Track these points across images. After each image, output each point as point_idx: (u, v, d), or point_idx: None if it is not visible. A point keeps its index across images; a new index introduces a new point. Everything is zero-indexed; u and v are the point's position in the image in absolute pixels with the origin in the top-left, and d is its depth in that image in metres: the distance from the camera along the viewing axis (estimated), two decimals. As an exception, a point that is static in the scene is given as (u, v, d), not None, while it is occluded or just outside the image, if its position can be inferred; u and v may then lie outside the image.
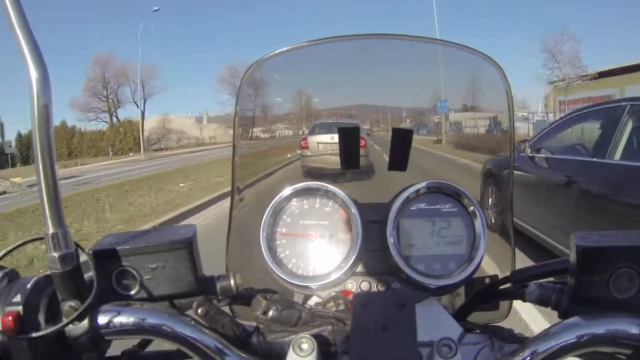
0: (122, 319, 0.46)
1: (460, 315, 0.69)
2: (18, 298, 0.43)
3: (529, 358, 0.43)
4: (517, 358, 0.44)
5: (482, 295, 0.69)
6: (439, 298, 0.64)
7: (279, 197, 0.62)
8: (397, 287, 0.60)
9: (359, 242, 0.58)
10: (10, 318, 0.41)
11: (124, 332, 0.46)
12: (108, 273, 0.49)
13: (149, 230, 0.54)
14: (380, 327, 0.43)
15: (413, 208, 0.61)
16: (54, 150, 0.40)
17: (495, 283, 0.68)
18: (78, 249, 0.43)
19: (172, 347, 0.48)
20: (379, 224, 0.60)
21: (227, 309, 0.65)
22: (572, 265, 0.48)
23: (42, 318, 0.43)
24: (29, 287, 0.44)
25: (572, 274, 0.49)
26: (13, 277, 0.45)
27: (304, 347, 0.42)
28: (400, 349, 0.42)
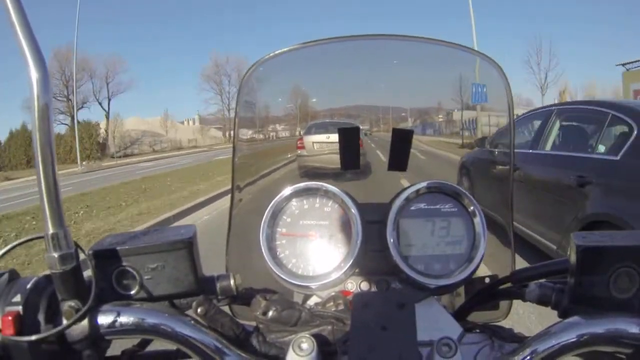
0: (122, 319, 0.46)
1: (460, 315, 0.69)
2: (18, 298, 0.43)
3: (529, 357, 0.43)
4: (517, 357, 0.44)
5: (482, 295, 0.69)
6: (439, 298, 0.64)
7: (279, 197, 0.62)
8: (396, 287, 0.60)
9: (359, 242, 0.58)
10: (10, 318, 0.41)
11: (124, 332, 0.46)
12: (108, 273, 0.49)
13: (149, 230, 0.54)
14: (380, 326, 0.43)
15: (413, 208, 0.61)
16: (54, 150, 0.40)
17: (495, 283, 0.68)
18: (78, 249, 0.43)
19: (172, 346, 0.48)
20: (379, 224, 0.60)
21: (227, 309, 0.65)
22: (572, 265, 0.48)
23: (42, 318, 0.43)
24: (29, 287, 0.44)
25: (572, 274, 0.49)
26: (13, 277, 0.45)
27: (304, 346, 0.42)
28: (400, 349, 0.42)
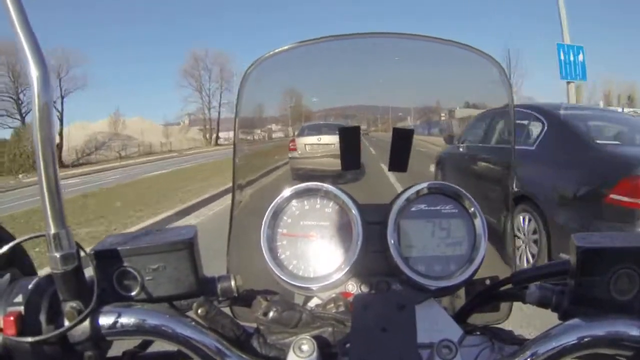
0: (123, 320, 0.46)
1: (461, 317, 0.69)
2: (19, 298, 0.43)
3: (529, 359, 0.43)
4: (517, 359, 0.44)
5: (482, 297, 0.69)
6: (439, 299, 0.64)
7: (280, 198, 0.62)
8: (397, 288, 0.60)
9: (359, 243, 0.58)
10: (12, 318, 0.41)
11: (125, 332, 0.46)
12: (109, 273, 0.49)
13: (150, 231, 0.54)
14: (380, 328, 0.43)
15: (413, 209, 0.61)
16: (55, 149, 0.40)
17: (496, 284, 0.68)
18: (79, 250, 0.43)
19: (172, 348, 0.48)
20: (380, 225, 0.60)
21: (227, 310, 0.65)
22: (572, 267, 0.48)
23: (43, 319, 0.43)
24: (30, 287, 0.44)
25: (572, 275, 0.49)
26: (14, 277, 0.45)
27: (304, 348, 0.42)
28: (400, 351, 0.42)
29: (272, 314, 0.49)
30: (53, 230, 0.41)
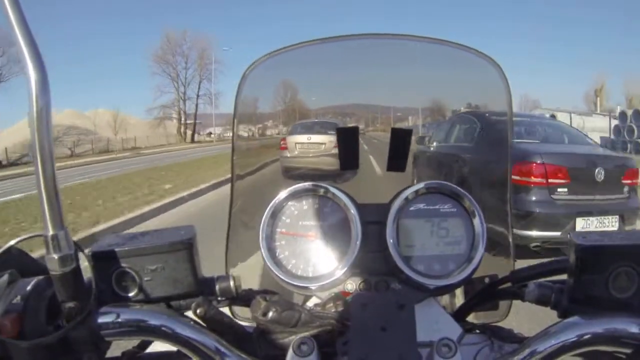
0: (122, 321, 0.46)
1: (460, 316, 0.69)
2: (18, 299, 0.43)
3: (529, 357, 0.43)
4: (516, 357, 0.44)
5: (481, 295, 0.69)
6: (439, 298, 0.64)
7: (278, 197, 0.62)
8: (396, 287, 0.60)
9: (358, 242, 0.58)
10: (11, 320, 0.41)
11: (124, 333, 0.46)
12: (108, 274, 0.49)
13: (149, 232, 0.54)
14: (380, 327, 0.43)
15: (412, 208, 0.61)
16: (54, 151, 0.40)
17: (495, 283, 0.68)
18: (77, 251, 0.43)
19: (171, 348, 0.48)
20: (378, 225, 0.60)
21: (226, 310, 0.65)
22: (571, 265, 0.48)
23: (42, 320, 0.43)
24: (29, 289, 0.44)
25: (571, 273, 0.49)
26: (13, 278, 0.45)
27: (304, 347, 0.42)
28: (400, 349, 0.42)
29: (271, 314, 0.48)
30: (51, 232, 0.40)
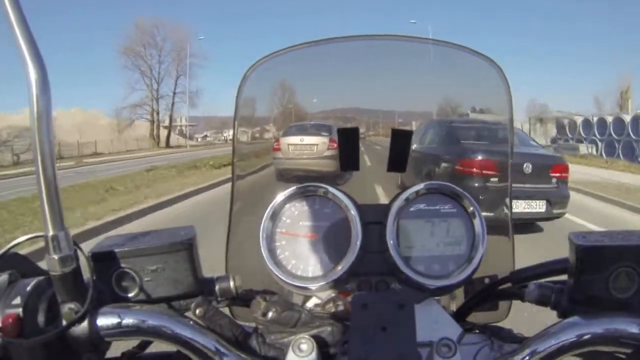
0: (121, 321, 0.46)
1: (460, 316, 0.69)
2: (18, 300, 0.43)
3: (529, 357, 0.43)
4: (516, 358, 0.44)
5: (481, 296, 0.69)
6: (439, 298, 0.64)
7: (279, 198, 0.62)
8: (396, 287, 0.60)
9: (358, 243, 0.58)
10: (10, 320, 0.41)
11: (124, 333, 0.46)
12: (107, 275, 0.49)
13: (149, 232, 0.54)
14: (380, 327, 0.43)
15: (412, 209, 0.61)
16: (54, 151, 0.40)
17: (495, 283, 0.68)
18: (77, 251, 0.43)
19: (171, 348, 0.48)
20: (379, 225, 0.60)
21: (226, 310, 0.65)
22: (571, 265, 0.48)
23: (41, 320, 0.43)
24: (29, 289, 0.44)
25: (571, 274, 0.49)
26: (13, 278, 0.45)
27: (304, 348, 0.42)
28: (400, 350, 0.42)
29: (271, 314, 0.48)
30: (51, 232, 0.41)
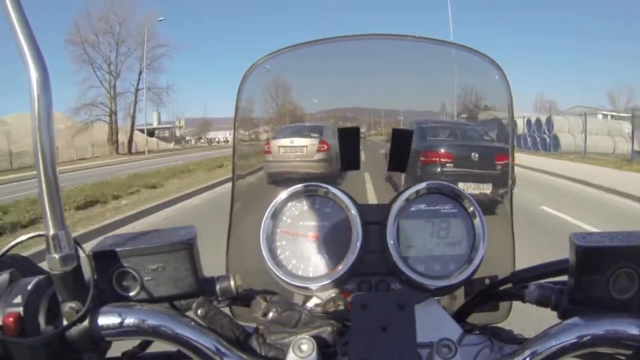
0: (122, 320, 0.46)
1: (460, 316, 0.69)
2: (19, 299, 0.43)
3: (529, 359, 0.43)
4: (516, 359, 0.44)
5: (481, 296, 0.69)
6: (439, 299, 0.64)
7: (279, 198, 0.62)
8: (396, 288, 0.60)
9: (359, 243, 0.58)
10: (11, 319, 0.41)
11: (124, 333, 0.46)
12: (108, 274, 0.49)
13: (149, 231, 0.54)
14: (380, 328, 0.43)
15: (413, 209, 0.61)
16: (55, 151, 0.40)
17: (495, 284, 0.68)
18: (78, 250, 0.43)
19: (172, 348, 0.48)
20: (379, 225, 0.60)
21: (227, 310, 0.65)
22: (571, 266, 0.48)
23: (42, 319, 0.43)
24: (30, 288, 0.44)
25: (571, 275, 0.49)
26: (14, 277, 0.45)
27: (304, 348, 0.42)
28: (400, 350, 0.42)
29: (271, 314, 0.49)
30: (52, 231, 0.41)
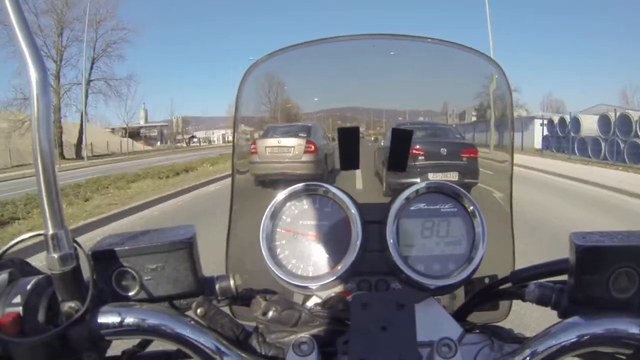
0: (122, 320, 0.46)
1: (460, 316, 0.69)
2: (18, 299, 0.43)
3: (529, 358, 0.43)
4: (517, 358, 0.44)
5: (481, 295, 0.69)
6: (439, 298, 0.64)
7: (279, 197, 0.62)
8: (396, 287, 0.60)
9: (359, 242, 0.58)
10: (11, 319, 0.41)
11: (124, 332, 0.46)
12: (108, 274, 0.49)
13: (149, 231, 0.54)
14: (380, 327, 0.43)
15: (413, 208, 0.61)
16: (54, 150, 0.40)
17: (495, 283, 0.68)
18: (77, 250, 0.43)
19: (172, 347, 0.48)
20: (379, 225, 0.60)
21: (226, 310, 0.65)
22: (571, 265, 0.48)
23: (42, 319, 0.43)
24: (29, 288, 0.44)
25: (571, 274, 0.49)
26: (13, 277, 0.45)
27: (304, 347, 0.42)
28: (400, 349, 0.42)
29: (271, 313, 0.48)
30: (51, 231, 0.41)
